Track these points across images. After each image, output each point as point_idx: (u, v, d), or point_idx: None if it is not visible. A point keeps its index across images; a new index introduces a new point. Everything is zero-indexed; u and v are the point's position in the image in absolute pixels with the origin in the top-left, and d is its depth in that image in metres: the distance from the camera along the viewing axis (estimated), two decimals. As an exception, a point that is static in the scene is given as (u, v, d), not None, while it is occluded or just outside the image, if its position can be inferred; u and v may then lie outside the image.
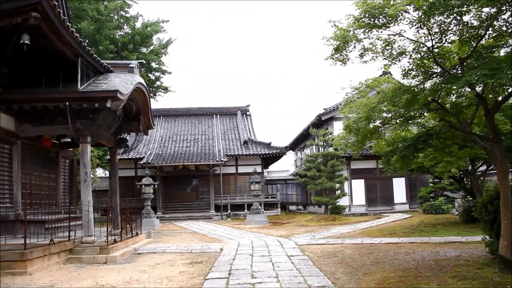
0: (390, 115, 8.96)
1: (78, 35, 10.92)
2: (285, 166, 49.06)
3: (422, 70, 7.83)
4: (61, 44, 10.45)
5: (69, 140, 14.18)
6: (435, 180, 26.26)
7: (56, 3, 9.78)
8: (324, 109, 30.70)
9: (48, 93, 11.37)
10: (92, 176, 33.69)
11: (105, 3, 26.15)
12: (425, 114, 9.24)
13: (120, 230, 12.78)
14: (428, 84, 7.95)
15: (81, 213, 11.87)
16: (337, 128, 29.88)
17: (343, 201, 27.40)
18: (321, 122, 30.58)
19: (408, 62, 7.85)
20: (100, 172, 35.49)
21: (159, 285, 7.76)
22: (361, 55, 7.70)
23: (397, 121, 8.89)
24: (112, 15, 27.06)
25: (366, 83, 9.41)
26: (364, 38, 7.24)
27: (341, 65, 7.69)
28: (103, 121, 12.89)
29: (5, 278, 8.51)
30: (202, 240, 15.96)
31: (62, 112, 11.59)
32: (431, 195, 26.25)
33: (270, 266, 9.25)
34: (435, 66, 7.99)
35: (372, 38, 7.33)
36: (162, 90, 31.94)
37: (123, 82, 12.36)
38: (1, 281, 8.27)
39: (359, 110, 8.74)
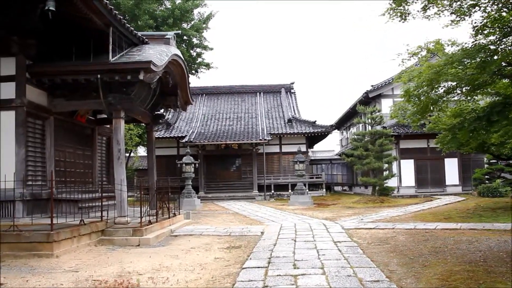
0: (454, 83, 7.69)
1: (108, 1, 10.18)
2: (330, 146, 47.99)
3: (499, 25, 6.49)
4: (89, 11, 9.74)
5: (105, 116, 13.65)
6: (491, 161, 24.43)
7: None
8: (372, 85, 29.29)
9: (78, 65, 10.77)
10: (133, 154, 34.11)
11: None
12: (497, 81, 7.85)
13: (156, 210, 12.17)
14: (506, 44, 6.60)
15: (116, 192, 11.32)
16: (386, 105, 28.60)
17: (392, 182, 26.07)
18: (369, 100, 29.22)
19: (482, 16, 6.52)
20: (141, 151, 35.53)
21: (190, 274, 6.97)
22: (424, 8, 6.45)
23: (463, 89, 7.58)
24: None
25: (426, 46, 8.09)
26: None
27: (399, 21, 6.48)
28: (137, 95, 12.21)
29: (30, 260, 8.03)
30: (242, 222, 15.20)
31: (94, 86, 11.01)
32: (487, 177, 24.39)
33: (315, 254, 8.29)
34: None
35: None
36: (204, 67, 31.21)
37: (157, 54, 11.61)
38: (26, 263, 7.78)
39: (421, 74, 7.45)
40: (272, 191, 30.60)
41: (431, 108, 8.20)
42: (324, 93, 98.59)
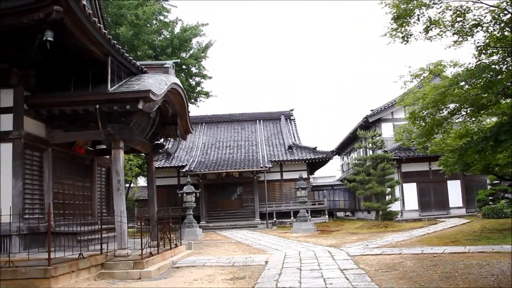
0: (458, 105, 7.58)
1: (106, 31, 10.18)
2: (331, 172, 47.60)
3: (502, 45, 6.41)
4: (88, 42, 9.71)
5: (105, 147, 13.50)
6: (494, 182, 24.21)
7: (80, -4, 9.05)
8: (371, 110, 29.41)
9: (76, 95, 10.69)
10: (133, 185, 33.83)
11: (143, 8, 25.77)
12: (502, 101, 7.74)
13: (157, 241, 11.88)
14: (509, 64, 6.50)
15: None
16: (386, 129, 28.70)
17: (395, 207, 25.77)
18: (368, 124, 29.31)
19: (484, 36, 6.46)
20: (142, 181, 35.23)
21: (193, 308, 6.70)
22: (426, 30, 6.39)
23: (468, 110, 7.45)
24: (150, 20, 26.71)
25: (428, 68, 8.01)
26: (431, 3, 5.90)
27: (401, 42, 6.40)
28: (137, 125, 12.09)
29: (27, 297, 7.73)
30: (245, 251, 14.87)
31: (92, 116, 10.87)
32: (490, 198, 24.13)
33: (322, 283, 8.01)
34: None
35: (441, 6, 6.00)
36: (203, 95, 31.27)
37: (156, 83, 11.55)
38: (23, 300, 7.50)
39: (426, 96, 7.33)
40: (274, 219, 30.25)
41: (436, 131, 8.04)
42: (323, 119, 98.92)
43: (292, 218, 29.21)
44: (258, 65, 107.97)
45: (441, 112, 7.50)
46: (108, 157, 14.69)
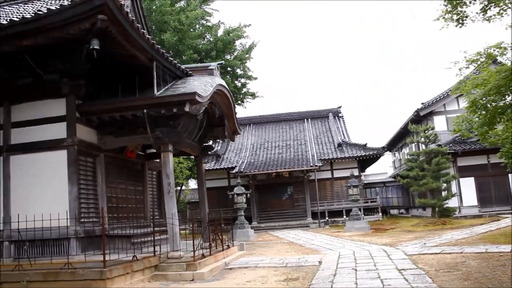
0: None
1: (150, 36, 10.28)
2: (383, 168, 46.59)
3: None
4: (133, 48, 9.85)
5: (154, 150, 13.68)
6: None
7: (123, 3, 9.18)
8: (422, 103, 28.41)
9: (124, 101, 10.87)
10: (184, 187, 34.35)
11: (186, 13, 26.08)
12: None
13: (209, 243, 11.87)
14: None
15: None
16: (438, 122, 27.61)
17: (452, 203, 24.62)
18: (420, 118, 28.37)
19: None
20: (193, 183, 35.73)
21: (246, 310, 6.57)
22: (484, 9, 5.88)
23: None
24: (193, 24, 27.01)
25: (485, 52, 7.43)
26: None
27: (456, 25, 5.94)
28: (184, 127, 12.13)
29: (84, 299, 7.89)
30: (298, 252, 14.63)
31: (141, 121, 11.01)
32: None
33: (379, 285, 7.66)
34: None
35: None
36: (250, 96, 31.29)
37: (202, 85, 11.56)
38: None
39: (487, 81, 6.78)
40: (326, 218, 29.80)
41: (498, 119, 7.47)
42: (372, 115, 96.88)
43: (344, 216, 28.71)
44: (302, 64, 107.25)
45: (504, 98, 6.93)
46: (158, 160, 14.87)
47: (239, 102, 30.82)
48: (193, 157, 20.70)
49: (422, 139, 25.41)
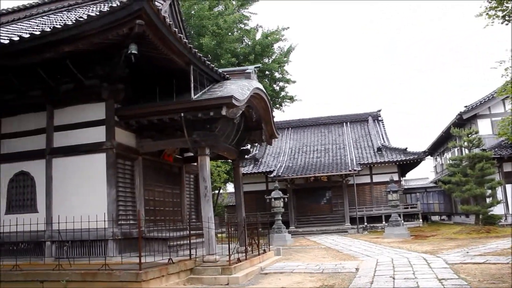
0: None
1: (187, 40, 10.37)
2: (424, 174, 45.33)
3: None
4: (170, 52, 9.97)
5: (192, 154, 13.80)
6: None
7: (160, 8, 9.31)
8: (465, 106, 27.41)
9: (162, 105, 11.01)
10: (222, 191, 34.49)
11: (224, 17, 26.29)
12: None
13: (245, 247, 11.83)
14: None
15: (206, 230, 11.19)
16: (482, 126, 26.59)
17: (497, 210, 23.42)
18: (463, 122, 27.35)
19: None
20: (230, 187, 35.84)
21: (279, 317, 6.46)
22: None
23: None
24: (231, 28, 27.19)
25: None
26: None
27: (501, 22, 5.62)
28: (221, 131, 12.17)
29: (120, 300, 7.99)
30: (335, 257, 14.37)
31: (178, 124, 11.15)
32: None
33: (418, 294, 7.39)
34: None
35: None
36: (288, 100, 31.20)
37: (239, 88, 11.57)
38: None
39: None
40: (365, 223, 29.25)
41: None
42: (412, 119, 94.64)
43: (383, 222, 28.07)
44: (340, 68, 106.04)
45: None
46: (195, 164, 14.97)
47: (278, 105, 30.78)
48: (225, 159, 20.85)
49: (465, 143, 24.46)
